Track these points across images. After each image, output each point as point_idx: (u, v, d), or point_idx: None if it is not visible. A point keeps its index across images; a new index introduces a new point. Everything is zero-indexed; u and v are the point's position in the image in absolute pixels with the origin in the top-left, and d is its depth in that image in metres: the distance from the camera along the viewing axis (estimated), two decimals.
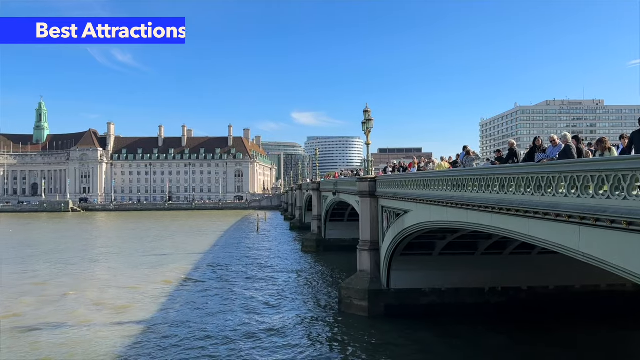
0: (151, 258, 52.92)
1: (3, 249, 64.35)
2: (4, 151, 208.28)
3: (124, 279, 40.83)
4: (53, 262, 50.88)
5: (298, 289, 35.84)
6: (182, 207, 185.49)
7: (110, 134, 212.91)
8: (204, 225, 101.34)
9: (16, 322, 27.14)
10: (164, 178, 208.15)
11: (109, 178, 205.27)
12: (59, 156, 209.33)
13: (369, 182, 29.35)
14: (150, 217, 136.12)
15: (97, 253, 59.31)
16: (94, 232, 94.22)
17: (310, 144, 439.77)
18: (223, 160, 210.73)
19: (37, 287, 37.31)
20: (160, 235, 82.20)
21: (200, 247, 62.57)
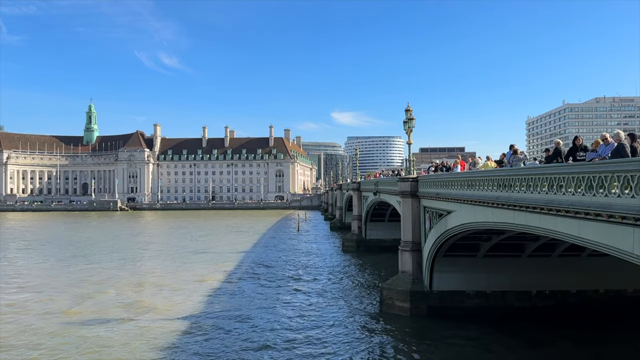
0: (196, 256, 54.11)
1: (56, 246, 67.28)
2: (56, 152, 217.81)
3: (169, 277, 41.90)
4: (102, 259, 52.78)
5: (339, 288, 35.83)
6: (224, 206, 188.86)
7: (156, 135, 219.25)
8: (245, 225, 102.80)
9: (65, 318, 28.31)
10: (208, 178, 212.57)
11: (155, 178, 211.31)
12: (108, 157, 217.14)
13: (411, 182, 29.03)
14: (194, 216, 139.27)
15: (143, 251, 61.12)
16: (141, 231, 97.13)
17: (350, 144, 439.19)
18: (264, 161, 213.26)
19: (86, 284, 38.79)
20: (204, 234, 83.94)
21: (242, 246, 63.52)
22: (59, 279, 40.84)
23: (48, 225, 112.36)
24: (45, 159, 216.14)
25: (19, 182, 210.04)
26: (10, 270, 46.02)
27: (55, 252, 59.04)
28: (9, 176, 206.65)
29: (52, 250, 61.27)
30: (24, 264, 50.33)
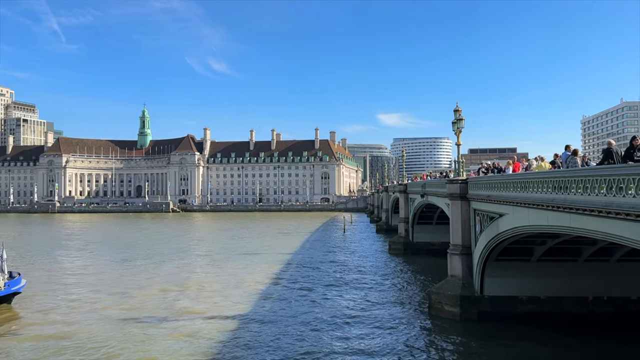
0: (244, 257, 55.10)
1: (110, 246, 70.14)
2: (112, 156, 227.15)
3: (217, 277, 42.86)
4: (154, 260, 54.59)
5: (385, 291, 35.60)
6: (271, 208, 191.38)
7: (206, 139, 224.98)
8: (292, 226, 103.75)
9: (118, 315, 29.48)
10: (255, 180, 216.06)
11: (205, 180, 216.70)
12: (160, 160, 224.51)
13: (460, 184, 28.52)
14: (242, 218, 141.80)
15: (193, 252, 62.79)
16: (191, 232, 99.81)
17: (397, 146, 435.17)
18: (310, 163, 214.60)
19: (138, 283, 40.25)
20: (251, 235, 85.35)
21: (289, 247, 64.16)
22: (113, 278, 42.55)
23: (104, 226, 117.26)
24: (102, 163, 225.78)
25: (77, 185, 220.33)
26: (69, 269, 48.38)
27: (110, 252, 61.54)
28: (68, 179, 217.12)
29: (107, 250, 63.92)
30: (81, 263, 52.78)
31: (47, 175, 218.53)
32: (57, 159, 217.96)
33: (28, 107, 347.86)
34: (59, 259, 56.24)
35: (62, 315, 29.38)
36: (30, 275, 40.09)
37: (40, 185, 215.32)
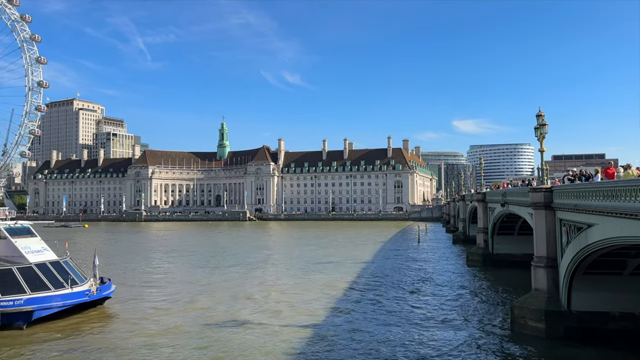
0: (317, 266, 55.53)
1: (193, 253, 73.29)
2: (193, 167, 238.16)
3: (291, 285, 43.47)
4: (232, 266, 56.38)
5: (463, 305, 34.43)
6: (344, 217, 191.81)
7: (280, 150, 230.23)
8: (364, 235, 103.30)
9: (201, 319, 30.64)
10: (327, 189, 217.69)
11: (280, 190, 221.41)
12: (237, 170, 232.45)
13: (544, 193, 27.09)
14: (315, 226, 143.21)
15: (270, 259, 64.16)
16: (267, 240, 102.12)
17: (473, 153, 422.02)
18: (382, 172, 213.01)
19: (218, 289, 41.67)
20: (324, 243, 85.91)
21: (361, 256, 63.87)
22: (196, 283, 44.38)
23: (186, 234, 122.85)
24: (184, 174, 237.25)
25: (161, 195, 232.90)
26: (155, 274, 51.08)
27: (193, 259, 64.34)
28: (154, 189, 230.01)
29: (190, 257, 66.86)
30: (166, 269, 55.57)
31: (134, 185, 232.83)
32: (143, 171, 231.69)
33: (117, 122, 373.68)
34: (145, 265, 59.57)
35: (149, 318, 31.05)
36: (119, 280, 42.69)
37: (128, 195, 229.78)
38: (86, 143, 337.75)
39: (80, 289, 31.42)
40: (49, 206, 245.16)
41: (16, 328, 27.82)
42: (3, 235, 32.83)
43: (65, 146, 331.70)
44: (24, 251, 32.19)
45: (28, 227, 35.62)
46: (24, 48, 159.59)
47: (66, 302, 30.25)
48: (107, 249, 78.16)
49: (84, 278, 33.46)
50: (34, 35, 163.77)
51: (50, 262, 32.27)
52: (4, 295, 28.22)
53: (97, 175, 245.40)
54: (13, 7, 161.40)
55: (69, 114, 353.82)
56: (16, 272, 29.70)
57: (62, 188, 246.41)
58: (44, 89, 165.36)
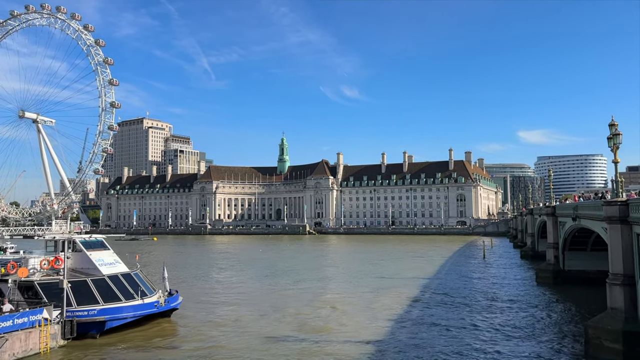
0: (378, 280, 54.90)
1: (256, 265, 74.54)
2: (254, 181, 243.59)
3: (353, 299, 43.16)
4: (293, 279, 56.79)
5: (533, 324, 32.82)
6: (404, 231, 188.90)
7: (339, 163, 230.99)
8: (426, 250, 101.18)
9: (265, 331, 30.97)
10: (387, 203, 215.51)
11: (339, 204, 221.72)
12: (297, 184, 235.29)
13: (619, 206, 25.51)
14: (375, 241, 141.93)
15: (330, 273, 64.15)
16: (327, 254, 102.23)
17: (541, 164, 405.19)
18: (444, 185, 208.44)
19: (281, 301, 42.03)
20: (384, 258, 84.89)
21: (423, 271, 62.53)
22: (260, 296, 45.07)
23: (248, 247, 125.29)
24: (246, 188, 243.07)
25: (225, 209, 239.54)
26: (220, 286, 52.32)
27: (256, 271, 65.45)
28: (217, 203, 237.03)
29: (253, 270, 68.09)
30: (230, 281, 56.81)
31: (199, 200, 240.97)
32: (208, 186, 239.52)
33: (184, 139, 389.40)
34: (210, 277, 61.24)
35: (214, 330, 31.81)
36: (186, 292, 44.05)
37: (194, 209, 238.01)
38: (155, 160, 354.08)
39: (150, 300, 32.71)
40: (120, 220, 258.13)
41: (90, 337, 29.30)
42: (79, 248, 34.80)
43: (136, 163, 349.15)
44: (98, 263, 33.97)
45: (101, 241, 37.56)
46: (98, 71, 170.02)
47: (136, 313, 31.57)
48: (174, 262, 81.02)
49: (153, 290, 34.83)
50: (107, 59, 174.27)
51: (122, 274, 33.87)
52: (79, 305, 29.83)
53: (165, 190, 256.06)
54: (88, 33, 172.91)
55: (139, 132, 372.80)
56: (90, 284, 31.37)
57: (133, 203, 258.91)
58: (116, 109, 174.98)
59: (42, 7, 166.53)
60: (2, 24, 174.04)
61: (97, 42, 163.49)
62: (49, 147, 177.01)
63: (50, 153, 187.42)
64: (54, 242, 36.03)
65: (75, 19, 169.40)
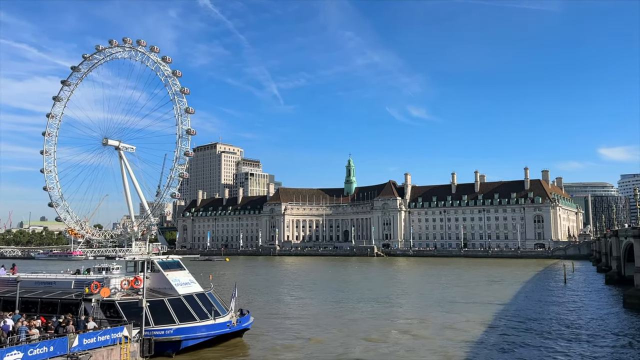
0: (451, 305, 53.09)
1: (325, 287, 74.47)
2: (322, 203, 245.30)
3: (423, 323, 41.94)
4: (361, 301, 56.11)
5: (621, 354, 30.32)
6: (477, 254, 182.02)
7: (407, 184, 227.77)
8: (501, 274, 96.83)
9: (337, 355, 30.67)
10: (458, 224, 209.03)
11: (407, 225, 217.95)
12: (364, 206, 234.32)
13: None
14: (446, 264, 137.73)
15: (401, 296, 62.82)
16: (396, 277, 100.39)
17: (625, 183, 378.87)
18: (519, 205, 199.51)
19: (351, 324, 41.59)
20: (457, 281, 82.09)
21: (499, 297, 59.76)
22: (329, 318, 44.88)
23: (317, 268, 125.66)
24: (314, 210, 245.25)
25: (293, 230, 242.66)
26: (290, 307, 52.65)
27: (325, 293, 65.38)
28: (286, 225, 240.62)
29: (322, 291, 68.10)
30: (300, 302, 57.04)
31: (269, 221, 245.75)
32: (277, 207, 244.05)
33: (254, 162, 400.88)
34: (280, 297, 61.88)
35: (285, 351, 32.04)
36: (256, 312, 44.73)
37: (263, 230, 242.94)
38: (227, 183, 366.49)
39: (223, 320, 33.46)
40: (195, 241, 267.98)
41: (166, 356, 30.32)
42: (157, 268, 36.35)
43: (210, 186, 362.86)
44: (174, 283, 35.27)
45: (178, 261, 39.04)
46: (175, 100, 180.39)
47: (210, 333, 32.36)
48: (245, 282, 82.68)
49: (226, 310, 35.63)
50: (184, 88, 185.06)
51: (197, 294, 34.95)
52: (156, 324, 31.01)
53: (236, 212, 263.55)
54: (166, 64, 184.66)
55: (213, 157, 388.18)
56: (167, 303, 32.59)
57: (207, 224, 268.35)
58: (192, 136, 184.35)
59: (124, 41, 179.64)
60: (88, 58, 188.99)
61: (174, 72, 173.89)
62: (130, 172, 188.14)
63: (131, 178, 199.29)
64: (134, 263, 37.86)
65: (154, 51, 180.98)
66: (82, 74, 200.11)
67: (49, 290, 35.78)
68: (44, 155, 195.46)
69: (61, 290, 35.35)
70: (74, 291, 34.50)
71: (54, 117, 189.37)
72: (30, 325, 26.77)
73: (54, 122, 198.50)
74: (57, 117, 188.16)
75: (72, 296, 33.56)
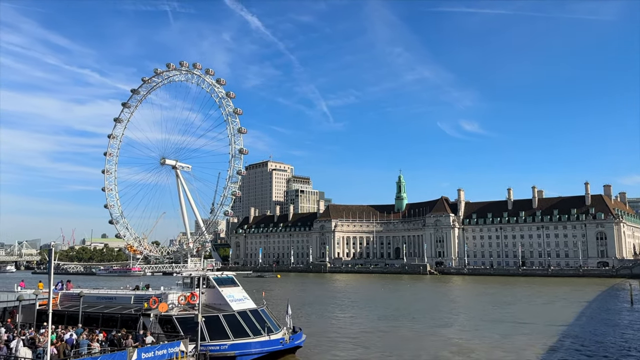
0: (509, 326, 51.23)
1: (378, 305, 73.60)
2: (372, 220, 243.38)
3: (481, 344, 40.59)
4: (415, 321, 55.02)
5: None
6: (536, 272, 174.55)
7: (460, 200, 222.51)
8: (562, 294, 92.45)
9: None
10: (516, 242, 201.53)
11: (461, 242, 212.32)
12: (415, 222, 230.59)
13: None
14: (503, 283, 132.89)
15: (457, 316, 61.17)
16: (450, 296, 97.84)
17: None
18: (580, 222, 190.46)
19: (406, 344, 40.80)
20: (515, 302, 79.12)
21: (560, 318, 56.97)
22: (382, 337, 44.27)
23: (368, 286, 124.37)
24: (364, 226, 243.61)
25: (343, 247, 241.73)
26: (341, 325, 52.33)
27: (378, 311, 64.68)
28: (336, 242, 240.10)
29: (375, 309, 67.41)
30: (352, 320, 56.59)
31: (319, 238, 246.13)
32: (327, 224, 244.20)
33: (304, 179, 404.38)
34: (332, 315, 61.63)
35: None
36: (308, 330, 44.71)
37: (314, 247, 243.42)
38: (278, 200, 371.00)
39: (276, 337, 33.69)
40: (247, 257, 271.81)
41: None
42: (212, 284, 37.15)
43: (261, 203, 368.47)
44: (229, 299, 35.90)
45: (232, 278, 39.76)
46: (229, 121, 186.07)
47: (263, 349, 32.63)
48: (296, 299, 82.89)
49: (278, 326, 35.88)
50: (237, 109, 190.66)
51: (250, 310, 35.42)
52: (211, 339, 31.61)
53: (287, 229, 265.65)
54: (220, 86, 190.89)
55: (264, 175, 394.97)
56: (222, 319, 33.18)
57: (258, 241, 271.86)
58: (244, 155, 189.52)
59: (180, 65, 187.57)
60: (147, 81, 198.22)
61: (228, 94, 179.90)
62: (186, 190, 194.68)
63: (187, 196, 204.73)
64: (190, 279, 38.86)
65: (209, 74, 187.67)
66: (142, 96, 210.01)
67: (109, 305, 37.20)
68: (105, 174, 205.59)
69: (121, 305, 36.67)
70: (133, 306, 35.72)
71: (115, 137, 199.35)
72: (92, 339, 27.89)
73: (115, 142, 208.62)
74: (117, 137, 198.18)
75: (131, 311, 34.74)
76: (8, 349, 25.60)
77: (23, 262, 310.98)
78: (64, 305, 38.07)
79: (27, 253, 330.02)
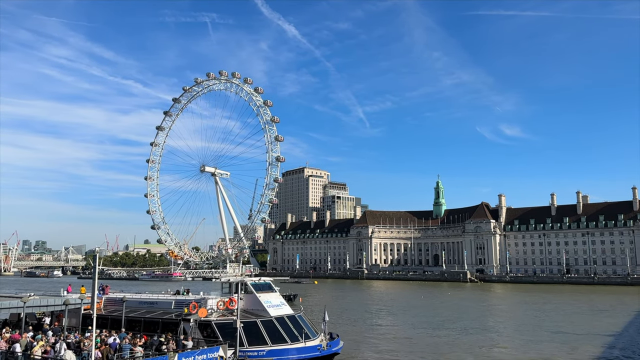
0: (554, 335, 49.56)
1: (418, 313, 72.58)
2: (410, 226, 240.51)
3: (524, 354, 39.44)
4: (458, 330, 53.90)
5: None
6: (581, 280, 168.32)
7: (501, 206, 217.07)
8: (609, 303, 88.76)
9: None
10: (560, 249, 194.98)
11: (503, 249, 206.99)
12: (455, 229, 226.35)
13: None
14: (546, 291, 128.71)
15: (498, 326, 59.63)
16: (494, 304, 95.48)
17: None
18: (628, 228, 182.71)
19: (444, 354, 39.98)
20: (559, 310, 76.42)
21: (607, 328, 54.72)
22: (422, 345, 43.54)
23: (407, 293, 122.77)
24: (402, 233, 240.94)
25: (380, 253, 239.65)
26: (380, 332, 51.81)
27: (418, 319, 63.72)
28: (374, 248, 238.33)
29: (414, 317, 66.44)
30: (390, 327, 55.96)
31: (356, 245, 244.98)
32: (364, 230, 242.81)
33: (340, 185, 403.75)
34: (369, 321, 61.13)
35: None
36: (345, 336, 44.47)
37: (351, 253, 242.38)
38: (315, 206, 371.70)
39: (313, 343, 33.61)
40: (285, 263, 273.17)
41: None
42: (250, 290, 37.40)
43: (298, 209, 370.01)
44: (266, 305, 36.06)
45: (269, 283, 39.92)
46: (266, 129, 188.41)
47: (300, 356, 32.59)
48: (334, 305, 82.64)
49: (316, 333, 35.79)
50: (274, 117, 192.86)
51: (287, 316, 35.47)
52: (249, 345, 31.81)
53: (324, 235, 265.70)
54: (258, 95, 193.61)
55: (301, 181, 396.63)
56: (260, 325, 33.37)
57: (295, 247, 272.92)
58: (281, 162, 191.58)
59: (220, 74, 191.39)
60: (188, 90, 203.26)
61: (265, 102, 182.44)
62: (225, 197, 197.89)
63: (226, 202, 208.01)
64: (229, 284, 39.27)
65: (248, 82, 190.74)
66: (182, 105, 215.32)
67: (151, 310, 37.96)
68: (148, 181, 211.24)
69: (162, 310, 37.35)
70: (174, 311, 36.33)
71: (157, 145, 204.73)
72: (134, 343, 28.51)
73: (157, 150, 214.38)
74: (159, 145, 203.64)
75: (172, 316, 35.34)
76: (54, 352, 26.46)
77: (69, 267, 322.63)
78: (107, 310, 39.05)
79: (73, 258, 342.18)
